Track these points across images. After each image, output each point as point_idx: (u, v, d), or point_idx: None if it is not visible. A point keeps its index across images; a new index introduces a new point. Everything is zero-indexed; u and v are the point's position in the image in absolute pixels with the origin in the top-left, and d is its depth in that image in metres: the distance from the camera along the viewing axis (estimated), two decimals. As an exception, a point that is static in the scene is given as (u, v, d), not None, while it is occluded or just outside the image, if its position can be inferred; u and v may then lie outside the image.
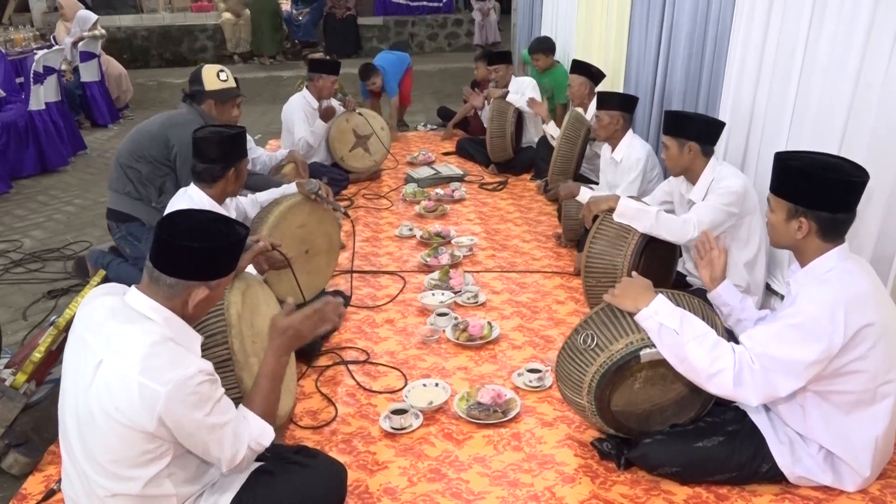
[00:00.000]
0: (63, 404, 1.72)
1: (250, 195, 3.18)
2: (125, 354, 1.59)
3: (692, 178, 3.10)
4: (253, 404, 1.84)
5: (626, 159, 3.82)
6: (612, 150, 3.92)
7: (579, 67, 4.78)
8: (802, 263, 2.06)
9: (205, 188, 2.67)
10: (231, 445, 1.70)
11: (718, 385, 1.97)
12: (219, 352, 2.08)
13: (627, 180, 3.78)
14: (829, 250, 1.99)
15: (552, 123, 5.05)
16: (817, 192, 1.95)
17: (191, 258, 1.68)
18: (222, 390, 1.71)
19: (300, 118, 5.08)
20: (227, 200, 2.85)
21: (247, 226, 1.87)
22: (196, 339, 1.78)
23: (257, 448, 1.78)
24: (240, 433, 1.73)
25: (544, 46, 6.05)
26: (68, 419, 1.69)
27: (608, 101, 3.83)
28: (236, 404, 2.04)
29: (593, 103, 4.69)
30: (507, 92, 5.46)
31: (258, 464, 1.92)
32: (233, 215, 2.85)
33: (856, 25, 2.65)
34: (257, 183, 3.69)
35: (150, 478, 1.65)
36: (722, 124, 3.10)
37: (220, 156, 2.66)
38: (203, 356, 2.02)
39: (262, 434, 1.80)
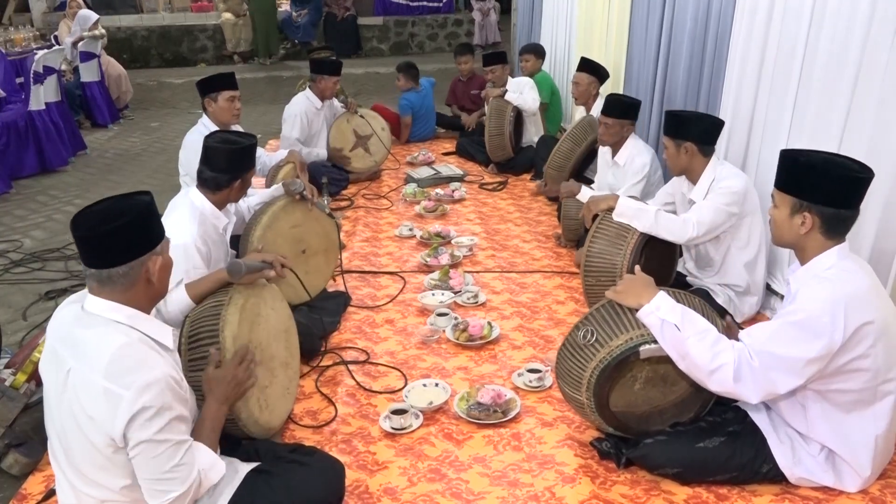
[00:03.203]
0: (46, 415, 1.71)
1: (245, 200, 3.16)
2: (91, 360, 1.57)
3: (693, 178, 3.10)
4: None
5: (629, 163, 3.81)
6: (613, 154, 3.90)
7: (588, 66, 4.74)
8: (803, 261, 2.07)
9: (207, 194, 2.65)
10: (182, 467, 1.63)
11: (719, 381, 1.98)
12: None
13: (630, 182, 3.77)
14: (829, 248, 2.00)
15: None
16: (822, 186, 1.96)
17: (124, 236, 1.63)
18: (185, 412, 1.67)
19: (300, 119, 5.09)
20: (228, 205, 2.84)
21: (147, 192, 1.80)
22: (167, 330, 1.74)
23: (205, 482, 1.72)
24: (192, 458, 1.67)
25: (537, 50, 6.08)
26: (50, 429, 1.69)
27: (617, 109, 3.78)
28: (228, 423, 2.00)
29: (597, 103, 4.69)
30: (506, 91, 5.47)
31: (254, 464, 1.92)
32: (232, 220, 2.84)
33: (855, 25, 2.65)
34: None
35: (125, 486, 1.63)
36: (721, 123, 3.10)
37: (228, 166, 2.64)
38: (200, 377, 1.97)
39: (212, 467, 1.75)
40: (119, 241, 1.63)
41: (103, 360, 1.56)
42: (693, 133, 3.00)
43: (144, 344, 1.64)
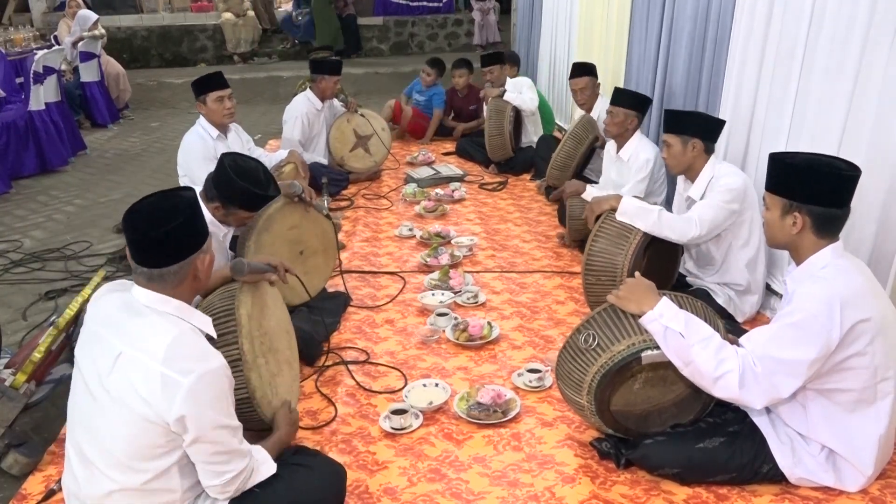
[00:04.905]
0: (74, 398, 1.74)
1: None
2: (146, 347, 1.62)
3: (692, 176, 3.11)
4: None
5: (633, 159, 3.80)
6: (619, 148, 3.91)
7: (585, 70, 4.71)
8: (798, 262, 2.08)
9: (209, 205, 2.63)
10: (239, 449, 1.71)
11: (724, 388, 1.98)
12: (229, 352, 2.09)
13: (636, 179, 3.77)
14: (823, 247, 2.01)
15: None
16: (810, 186, 1.98)
17: (181, 237, 1.70)
18: (234, 399, 1.74)
19: (301, 121, 5.09)
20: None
21: (190, 187, 1.88)
22: (207, 321, 1.82)
23: (256, 473, 1.80)
24: (245, 447, 1.75)
25: (511, 57, 6.11)
26: (78, 412, 1.72)
27: (627, 100, 3.80)
28: (243, 404, 2.07)
29: (597, 103, 4.69)
30: (504, 90, 5.47)
31: None
32: (231, 229, 2.83)
33: (855, 26, 2.65)
34: None
35: (161, 471, 1.66)
36: (722, 122, 3.11)
37: (242, 204, 2.62)
38: None
39: (264, 462, 1.84)
40: (172, 244, 1.70)
41: (161, 348, 1.60)
42: (699, 130, 3.01)
43: (195, 334, 1.71)
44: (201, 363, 1.62)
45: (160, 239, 1.67)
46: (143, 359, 1.60)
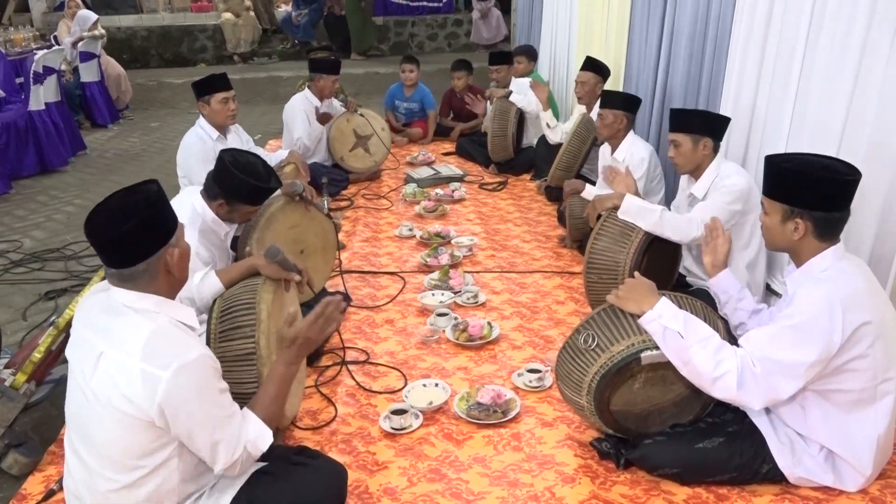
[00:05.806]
0: (68, 400, 1.75)
1: None
2: (126, 344, 1.61)
3: (696, 174, 3.11)
4: (256, 408, 1.85)
5: (629, 159, 3.81)
6: (613, 150, 3.91)
7: (594, 65, 4.72)
8: (798, 264, 2.07)
9: (210, 203, 2.64)
10: (227, 442, 1.71)
11: (722, 388, 1.97)
12: (244, 344, 2.11)
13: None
14: (824, 250, 2.01)
15: (549, 112, 5.06)
16: (812, 192, 1.97)
17: (139, 236, 1.67)
18: (224, 384, 1.73)
19: (301, 119, 5.09)
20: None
21: (154, 180, 1.81)
22: (189, 313, 1.79)
23: (254, 451, 1.78)
24: (238, 431, 1.74)
25: (529, 52, 6.10)
26: (73, 413, 1.73)
27: (614, 101, 3.82)
28: (252, 398, 2.06)
29: (597, 104, 4.69)
30: (511, 92, 5.47)
31: (259, 464, 1.93)
32: (233, 228, 2.83)
33: (855, 26, 2.65)
34: None
35: (153, 468, 1.66)
36: (727, 119, 3.12)
37: (245, 198, 2.63)
38: (228, 347, 2.07)
39: (259, 437, 1.80)
40: (132, 243, 1.67)
41: (139, 344, 1.60)
42: (709, 128, 3.01)
43: (175, 327, 1.69)
44: (180, 355, 1.61)
45: (116, 240, 1.65)
46: (122, 358, 1.60)
